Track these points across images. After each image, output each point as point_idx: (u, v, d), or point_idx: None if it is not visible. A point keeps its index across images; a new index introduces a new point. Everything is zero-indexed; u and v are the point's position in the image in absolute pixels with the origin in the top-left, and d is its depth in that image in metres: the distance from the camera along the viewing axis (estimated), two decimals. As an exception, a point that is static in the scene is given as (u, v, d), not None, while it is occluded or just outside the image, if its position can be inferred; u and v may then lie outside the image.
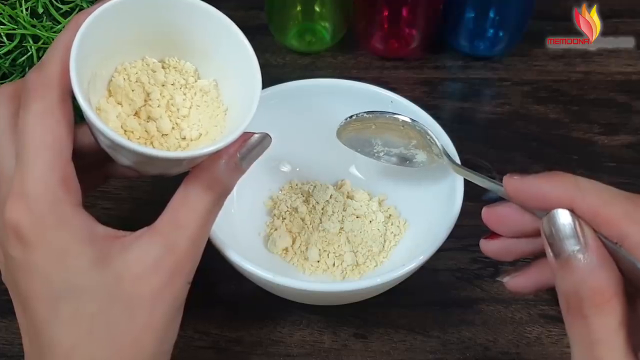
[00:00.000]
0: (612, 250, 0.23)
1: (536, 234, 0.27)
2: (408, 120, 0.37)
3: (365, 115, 0.37)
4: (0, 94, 0.28)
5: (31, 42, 0.38)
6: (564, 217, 0.24)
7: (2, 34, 0.37)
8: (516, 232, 0.28)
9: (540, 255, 0.28)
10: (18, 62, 0.39)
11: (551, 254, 0.24)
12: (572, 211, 0.24)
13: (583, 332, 0.23)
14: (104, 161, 0.30)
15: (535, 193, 0.26)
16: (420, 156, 0.38)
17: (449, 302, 0.41)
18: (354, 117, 0.38)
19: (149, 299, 0.26)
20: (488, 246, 0.29)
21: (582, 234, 0.24)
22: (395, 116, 0.37)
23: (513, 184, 0.26)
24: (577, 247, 0.23)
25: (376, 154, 0.40)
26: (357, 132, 0.38)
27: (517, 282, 0.29)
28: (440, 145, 0.36)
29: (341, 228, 0.42)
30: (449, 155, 0.36)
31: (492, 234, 0.29)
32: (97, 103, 0.28)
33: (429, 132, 0.36)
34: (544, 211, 0.25)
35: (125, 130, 0.29)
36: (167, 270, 0.27)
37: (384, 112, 0.37)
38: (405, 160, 0.39)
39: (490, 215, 0.29)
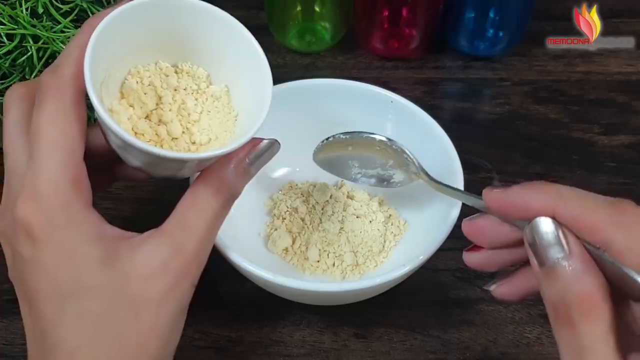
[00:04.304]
0: (596, 256, 0.23)
1: (517, 244, 0.27)
2: (385, 139, 0.36)
3: (342, 136, 0.37)
4: (14, 94, 0.29)
5: (31, 42, 0.38)
6: (546, 225, 0.24)
7: (2, 34, 0.37)
8: (497, 244, 0.28)
9: (523, 263, 0.28)
10: (18, 62, 0.39)
11: (535, 262, 0.24)
12: (555, 219, 0.24)
13: (572, 340, 0.23)
14: (113, 163, 0.30)
15: (516, 204, 0.25)
16: (398, 176, 0.38)
17: (449, 302, 0.41)
18: (330, 139, 0.37)
19: (155, 301, 0.26)
20: (471, 258, 0.29)
21: (566, 241, 0.23)
22: (373, 136, 0.36)
23: (493, 196, 0.26)
24: (561, 255, 0.23)
25: (353, 176, 0.39)
26: (333, 153, 0.38)
27: (503, 290, 0.29)
28: (418, 163, 0.36)
29: (341, 228, 0.42)
30: (428, 174, 0.35)
31: (473, 246, 0.29)
32: (109, 104, 0.29)
33: (406, 150, 0.36)
34: (525, 221, 0.25)
35: (135, 133, 0.29)
36: (174, 272, 0.27)
37: (361, 132, 0.37)
38: (383, 181, 0.39)
39: (469, 227, 0.28)
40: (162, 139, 0.29)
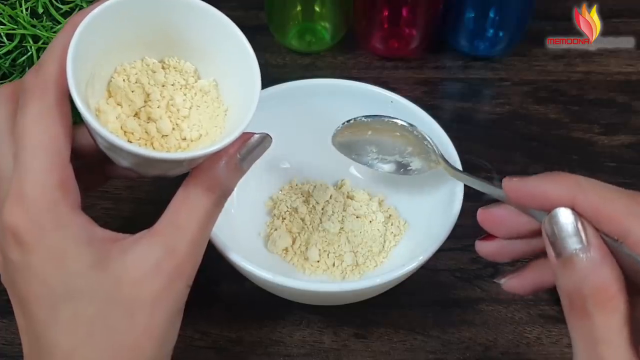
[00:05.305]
0: (613, 248, 0.23)
1: (532, 235, 0.27)
2: (406, 124, 0.36)
3: (363, 119, 0.37)
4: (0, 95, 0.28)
5: (31, 42, 0.38)
6: (565, 216, 0.24)
7: (2, 34, 0.37)
8: (512, 234, 0.28)
9: (535, 256, 0.28)
10: (18, 62, 0.39)
11: (552, 253, 0.24)
12: (574, 210, 0.24)
13: (586, 331, 0.23)
14: (104, 161, 0.30)
15: (536, 193, 0.25)
16: (415, 164, 0.38)
17: (449, 302, 0.41)
18: (351, 122, 0.37)
19: (148, 303, 0.26)
20: (483, 247, 0.29)
21: (585, 233, 0.24)
22: (394, 120, 0.36)
23: (513, 185, 0.26)
24: (580, 246, 0.23)
25: (370, 162, 0.39)
26: (353, 137, 0.38)
27: (513, 283, 0.29)
28: (438, 150, 0.36)
29: (341, 228, 0.42)
30: (447, 161, 0.35)
31: (487, 235, 0.29)
32: (96, 104, 0.28)
33: (427, 137, 0.36)
34: (543, 211, 0.25)
35: (125, 132, 0.28)
36: (167, 274, 0.26)
37: (383, 116, 0.37)
38: (400, 168, 0.38)
39: (485, 216, 0.29)
40: (152, 137, 0.29)
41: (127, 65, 0.30)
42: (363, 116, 0.37)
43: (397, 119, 0.37)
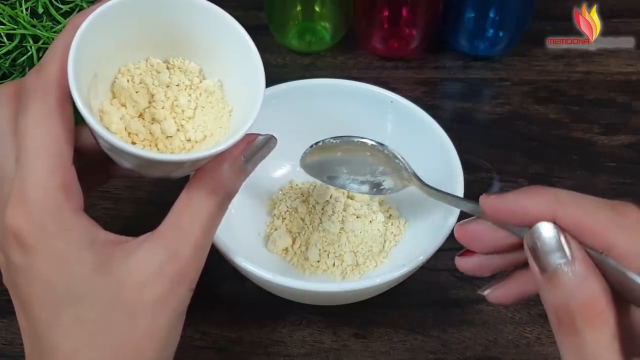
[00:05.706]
0: (598, 261, 0.23)
1: (511, 249, 0.27)
2: (376, 144, 0.36)
3: (332, 141, 0.36)
4: (1, 95, 0.28)
5: (31, 42, 0.38)
6: (547, 231, 0.24)
7: (2, 34, 0.38)
8: (490, 249, 0.28)
9: (516, 267, 0.28)
10: (18, 62, 0.39)
11: (537, 269, 0.24)
12: (555, 224, 0.24)
13: (576, 348, 0.22)
14: (107, 160, 0.30)
15: (515, 210, 0.25)
16: (388, 182, 0.37)
17: (449, 302, 0.41)
18: (319, 144, 0.36)
19: (151, 307, 0.26)
20: (463, 264, 0.29)
21: (568, 247, 0.23)
22: (364, 141, 0.36)
23: (491, 203, 0.26)
24: (564, 260, 0.23)
25: (342, 182, 0.38)
26: (322, 159, 0.37)
27: (497, 294, 0.28)
28: (410, 169, 0.35)
29: (341, 228, 0.42)
30: (420, 179, 0.35)
31: (466, 251, 0.29)
32: (100, 105, 0.28)
33: (398, 155, 0.35)
34: (521, 227, 0.25)
35: (129, 133, 0.28)
36: (169, 278, 0.26)
37: (352, 136, 0.36)
38: (372, 188, 0.38)
39: (462, 232, 0.28)
40: (156, 138, 0.29)
41: (131, 65, 0.30)
42: (331, 138, 0.36)
43: (366, 138, 0.36)
